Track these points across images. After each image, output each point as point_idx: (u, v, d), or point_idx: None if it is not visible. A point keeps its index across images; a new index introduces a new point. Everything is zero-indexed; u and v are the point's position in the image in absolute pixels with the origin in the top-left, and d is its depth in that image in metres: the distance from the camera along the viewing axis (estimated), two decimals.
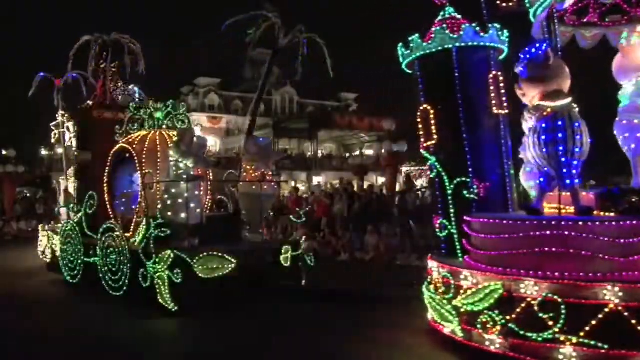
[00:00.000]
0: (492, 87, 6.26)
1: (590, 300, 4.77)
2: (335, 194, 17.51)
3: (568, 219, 5.16)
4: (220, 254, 7.88)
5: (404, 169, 19.57)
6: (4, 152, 23.42)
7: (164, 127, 9.99)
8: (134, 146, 9.59)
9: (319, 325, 7.25)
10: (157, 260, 7.85)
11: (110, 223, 9.17)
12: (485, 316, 5.33)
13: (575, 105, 5.43)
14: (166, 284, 7.74)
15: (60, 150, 13.18)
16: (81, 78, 13.01)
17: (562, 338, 4.85)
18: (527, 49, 5.95)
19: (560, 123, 5.05)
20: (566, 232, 5.04)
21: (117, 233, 8.81)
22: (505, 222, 5.42)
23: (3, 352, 6.40)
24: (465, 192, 6.20)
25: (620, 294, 4.69)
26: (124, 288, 8.61)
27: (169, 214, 8.39)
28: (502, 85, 6.30)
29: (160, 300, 7.81)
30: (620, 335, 4.64)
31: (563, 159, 5.11)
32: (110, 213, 10.14)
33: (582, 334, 4.75)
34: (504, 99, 6.33)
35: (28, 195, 25.57)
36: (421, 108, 6.56)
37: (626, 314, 4.65)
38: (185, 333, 7.27)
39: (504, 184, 6.35)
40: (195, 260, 7.75)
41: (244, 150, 9.63)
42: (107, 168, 10.17)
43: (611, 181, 12.32)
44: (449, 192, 6.32)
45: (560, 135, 5.07)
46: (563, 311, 4.85)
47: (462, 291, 5.63)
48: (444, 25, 6.29)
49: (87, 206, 10.07)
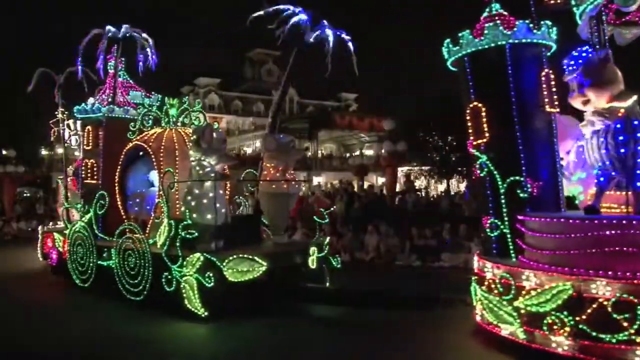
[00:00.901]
0: (544, 85, 6.18)
1: None
2: (336, 194, 17.36)
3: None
4: (250, 257, 7.59)
5: (403, 169, 19.60)
6: (4, 152, 22.97)
7: (180, 124, 9.66)
8: (150, 144, 9.19)
9: (359, 327, 7.07)
10: (185, 263, 7.52)
11: (128, 224, 8.76)
12: (552, 317, 5.22)
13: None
14: (195, 288, 7.42)
15: (60, 150, 12.60)
16: (82, 74, 12.52)
17: (639, 339, 4.78)
18: (575, 55, 5.90)
19: (636, 122, 4.99)
20: (638, 232, 4.97)
21: (138, 235, 8.41)
22: (571, 221, 5.32)
23: None
24: (518, 191, 6.09)
25: None
26: (144, 293, 8.23)
27: (194, 214, 8.06)
28: (553, 83, 6.23)
29: (189, 306, 7.48)
30: None
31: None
32: (123, 214, 9.73)
33: None
34: (555, 97, 6.25)
35: (28, 195, 25.07)
36: (471, 105, 6.43)
37: None
38: (217, 339, 6.98)
39: (555, 182, 6.28)
40: (224, 264, 7.45)
41: (263, 148, 9.32)
42: (119, 167, 9.75)
43: None
44: (502, 191, 6.20)
45: (639, 134, 5.00)
46: (639, 312, 4.77)
47: (524, 292, 5.52)
48: (497, 22, 6.17)
49: (97, 206, 9.61)
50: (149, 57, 10.00)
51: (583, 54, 5.89)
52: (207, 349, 6.62)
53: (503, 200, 6.20)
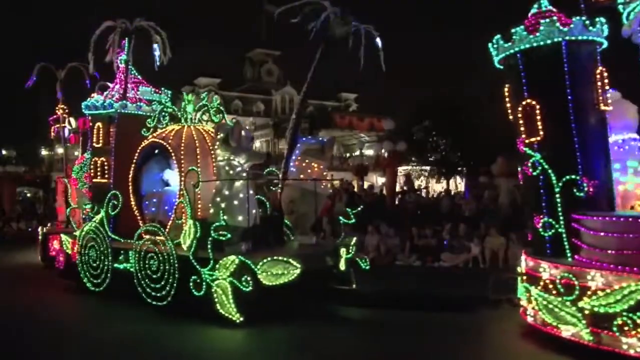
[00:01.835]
0: (598, 83, 6.11)
1: None
2: (336, 194, 17.13)
3: None
4: (285, 259, 7.29)
5: (403, 169, 19.55)
6: (4, 152, 22.34)
7: (197, 121, 9.29)
8: (170, 141, 8.79)
9: (404, 330, 6.86)
10: (218, 266, 7.18)
11: (151, 225, 8.34)
12: (623, 318, 5.13)
13: None
14: (229, 292, 7.09)
15: (60, 150, 12.09)
16: (84, 69, 12.03)
17: None
18: None
19: None
20: None
21: (161, 237, 8.01)
22: None
23: None
24: (575, 190, 5.99)
25: None
26: (168, 298, 7.85)
27: (224, 216, 7.73)
28: (606, 81, 6.16)
29: (221, 311, 7.15)
30: None
31: None
32: (137, 214, 9.28)
33: None
34: (609, 95, 6.19)
35: (28, 195, 24.26)
36: (523, 103, 6.31)
37: None
38: (252, 345, 6.69)
39: (609, 181, 6.21)
40: (259, 266, 7.13)
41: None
42: (133, 165, 9.30)
43: None
44: (557, 190, 6.10)
45: None
46: None
47: (589, 292, 5.41)
48: (554, 18, 6.06)
49: (109, 207, 9.14)
50: (166, 50, 9.56)
51: None
52: (244, 357, 6.32)
53: (558, 199, 6.09)
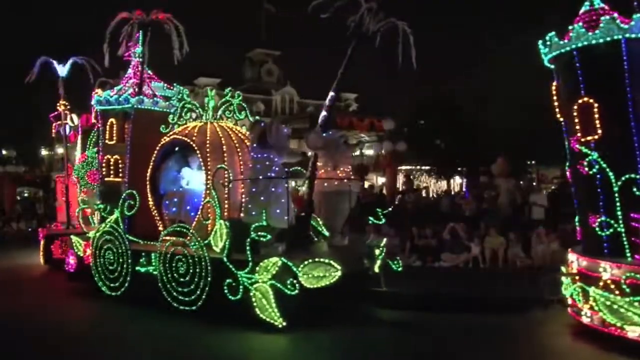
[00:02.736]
0: None
1: None
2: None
3: None
4: (326, 261, 7.02)
5: (404, 169, 19.49)
6: (4, 152, 21.61)
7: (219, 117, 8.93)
8: (194, 138, 8.41)
9: (454, 333, 6.70)
10: (258, 269, 6.86)
11: (179, 226, 7.94)
12: None
13: None
14: (270, 296, 6.79)
15: (60, 150, 11.58)
16: (87, 64, 11.54)
17: None
18: None
19: None
20: None
21: (191, 238, 7.62)
22: None
23: None
24: (634, 189, 5.94)
25: None
26: (198, 302, 7.48)
27: (254, 214, 7.43)
28: None
29: (261, 316, 6.84)
30: None
31: None
32: (156, 215, 8.86)
33: None
34: None
35: (26, 195, 23.27)
36: (580, 101, 6.23)
37: None
38: (297, 352, 6.40)
39: None
40: (300, 268, 6.86)
41: (308, 145, 8.72)
42: (152, 163, 8.87)
43: None
44: (615, 189, 6.04)
45: None
46: None
47: None
48: (614, 15, 6.01)
49: (124, 207, 8.67)
50: (183, 44, 9.16)
51: None
52: None
53: (617, 198, 6.03)
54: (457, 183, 23.85)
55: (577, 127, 6.29)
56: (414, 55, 8.65)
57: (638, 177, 5.95)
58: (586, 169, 6.23)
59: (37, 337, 6.85)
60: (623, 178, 6.00)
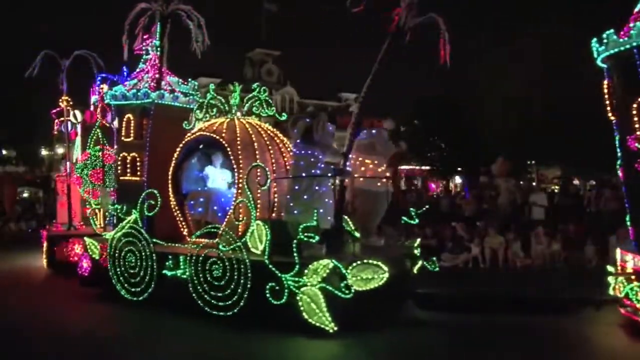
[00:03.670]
0: None
1: None
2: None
3: None
4: (375, 262, 6.76)
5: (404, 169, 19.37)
6: (4, 152, 20.65)
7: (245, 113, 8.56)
8: (223, 135, 8.00)
9: (505, 335, 6.55)
10: (307, 272, 6.54)
11: (212, 227, 7.51)
12: None
13: None
14: (320, 300, 6.48)
15: (60, 150, 11.01)
16: (90, 58, 10.97)
17: None
18: None
19: None
20: None
21: (228, 239, 7.21)
22: None
23: None
24: None
25: None
26: (236, 308, 7.08)
27: (296, 213, 7.12)
28: None
29: (310, 320, 6.52)
30: None
31: None
32: (179, 216, 8.40)
33: None
34: None
35: (25, 195, 22.07)
36: (639, 100, 6.20)
37: None
38: (351, 357, 6.11)
39: None
40: (349, 270, 6.58)
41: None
42: (174, 161, 8.40)
43: None
44: None
45: None
46: None
47: None
48: None
49: (144, 207, 8.17)
50: (204, 37, 8.74)
51: None
52: None
53: None
54: (456, 183, 24.04)
55: (636, 125, 6.25)
56: (448, 52, 8.49)
57: None
58: None
59: (62, 342, 6.41)
60: None
